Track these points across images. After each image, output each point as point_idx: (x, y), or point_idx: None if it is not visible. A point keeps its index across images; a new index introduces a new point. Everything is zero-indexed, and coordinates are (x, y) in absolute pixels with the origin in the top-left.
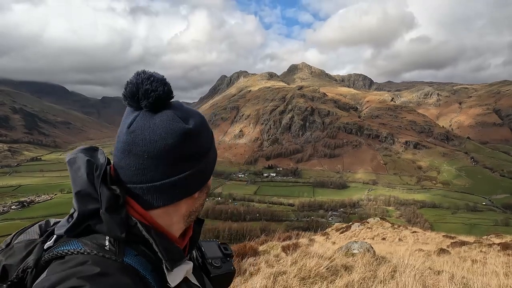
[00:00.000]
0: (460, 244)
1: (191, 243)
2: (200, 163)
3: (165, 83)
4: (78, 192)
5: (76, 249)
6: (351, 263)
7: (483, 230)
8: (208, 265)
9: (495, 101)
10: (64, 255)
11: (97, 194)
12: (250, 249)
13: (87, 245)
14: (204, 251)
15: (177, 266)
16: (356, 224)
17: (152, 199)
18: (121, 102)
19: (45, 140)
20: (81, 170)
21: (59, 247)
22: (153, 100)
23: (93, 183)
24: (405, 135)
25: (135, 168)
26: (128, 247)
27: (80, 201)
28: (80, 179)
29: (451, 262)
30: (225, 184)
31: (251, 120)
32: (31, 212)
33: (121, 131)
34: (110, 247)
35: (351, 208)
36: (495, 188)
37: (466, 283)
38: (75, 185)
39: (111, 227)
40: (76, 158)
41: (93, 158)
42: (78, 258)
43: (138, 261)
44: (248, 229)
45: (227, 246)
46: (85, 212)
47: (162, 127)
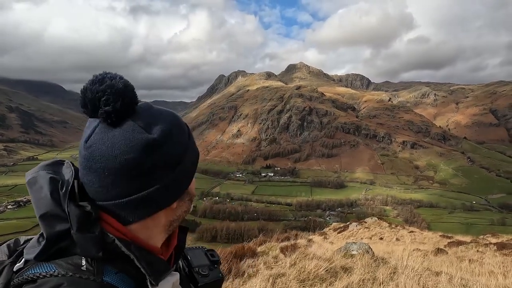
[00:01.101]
0: (457, 243)
1: (177, 252)
2: (173, 172)
3: (123, 97)
4: (44, 215)
5: (49, 271)
6: (350, 264)
7: (480, 229)
8: (195, 274)
9: (491, 102)
10: (35, 278)
11: (65, 214)
12: (249, 250)
13: (61, 267)
14: (190, 260)
15: (162, 279)
16: (354, 224)
17: (124, 215)
18: None
19: (41, 140)
20: (43, 190)
21: (30, 270)
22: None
23: (59, 203)
24: (402, 135)
25: (98, 185)
26: (108, 265)
27: (46, 224)
28: (44, 200)
29: (448, 262)
30: (223, 183)
31: (249, 120)
32: (27, 212)
33: (80, 144)
34: (87, 267)
35: (348, 207)
36: (492, 188)
37: (465, 284)
38: (38, 207)
39: (85, 247)
40: (37, 177)
41: (57, 174)
42: (52, 281)
43: (120, 278)
44: (246, 229)
45: (214, 253)
46: (53, 235)
47: (121, 139)
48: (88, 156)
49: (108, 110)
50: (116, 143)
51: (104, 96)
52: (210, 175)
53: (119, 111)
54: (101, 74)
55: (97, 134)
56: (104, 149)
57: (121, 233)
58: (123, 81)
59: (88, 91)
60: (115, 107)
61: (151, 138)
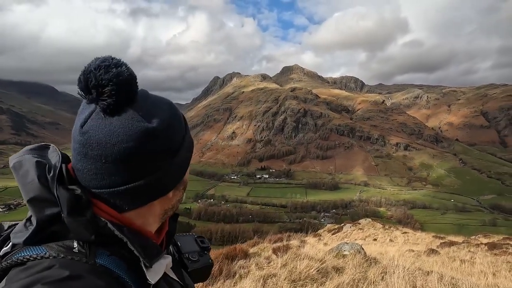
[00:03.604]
0: (449, 244)
1: (168, 238)
2: (171, 161)
3: (127, 89)
4: (32, 199)
5: (40, 253)
6: (341, 264)
7: (471, 230)
8: (185, 259)
9: (482, 104)
10: (25, 261)
11: (55, 198)
12: (241, 251)
13: (52, 249)
14: (181, 246)
15: (156, 262)
16: (348, 225)
17: (119, 203)
18: None
19: (33, 141)
20: (30, 174)
21: (19, 253)
22: (109, 106)
23: (47, 187)
24: (395, 136)
25: (93, 172)
26: (101, 248)
27: (36, 209)
28: (31, 185)
29: (440, 262)
30: (218, 185)
31: (244, 122)
32: (18, 215)
33: (74, 129)
34: (79, 249)
35: (343, 209)
36: (483, 189)
37: (455, 283)
38: (26, 192)
39: (77, 230)
40: (22, 161)
41: (43, 158)
42: (43, 263)
43: (112, 261)
44: (241, 231)
45: (204, 239)
46: (44, 219)
47: (120, 127)
48: (84, 142)
49: (110, 102)
50: (115, 131)
51: (108, 86)
52: (205, 177)
53: (121, 102)
54: (107, 59)
55: (93, 120)
56: (101, 136)
57: (114, 218)
58: (129, 71)
59: (92, 77)
60: (118, 99)
61: (150, 127)
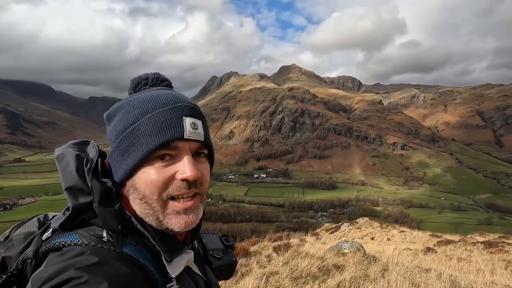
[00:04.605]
0: (446, 242)
1: (192, 233)
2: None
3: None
4: (69, 188)
5: (74, 240)
6: (342, 262)
7: (468, 229)
8: (210, 256)
9: (478, 104)
10: (61, 246)
11: (89, 189)
12: (242, 249)
13: (84, 237)
14: (205, 243)
15: (177, 257)
16: (346, 224)
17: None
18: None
19: (29, 141)
20: (70, 165)
21: (57, 239)
22: None
23: (83, 178)
24: (392, 136)
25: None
26: (128, 238)
27: (71, 196)
28: (70, 175)
29: (437, 260)
30: (216, 185)
31: (242, 121)
32: (14, 215)
33: None
34: (108, 238)
35: (340, 208)
36: (479, 188)
37: (454, 280)
38: (65, 181)
39: (106, 220)
40: (65, 153)
41: (83, 152)
42: (76, 249)
43: (138, 251)
44: (239, 231)
45: (228, 238)
46: (77, 206)
47: None
48: None
49: None
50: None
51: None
52: None
53: None
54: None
55: None
56: None
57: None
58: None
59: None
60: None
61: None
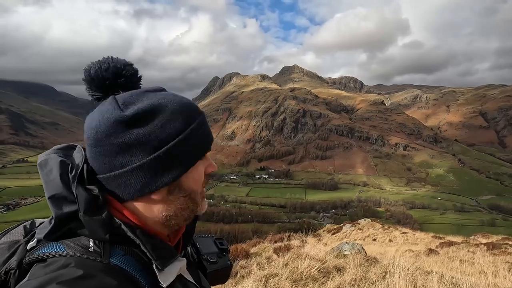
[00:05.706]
0: (448, 244)
1: (185, 239)
2: (148, 156)
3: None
4: (52, 197)
5: (58, 251)
6: (342, 264)
7: (470, 230)
8: (204, 261)
9: (481, 104)
10: (45, 258)
11: (73, 196)
12: (242, 251)
13: (70, 247)
14: (199, 247)
15: (169, 265)
16: (347, 225)
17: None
18: None
19: (32, 141)
20: (53, 172)
21: (41, 249)
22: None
23: (68, 185)
24: (395, 137)
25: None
26: (116, 247)
27: (55, 205)
28: (53, 182)
29: (440, 262)
30: (217, 185)
31: (244, 122)
32: (17, 216)
33: None
34: (95, 249)
35: (342, 209)
36: (482, 189)
37: (455, 283)
38: (47, 189)
39: (93, 229)
40: (48, 159)
41: (68, 157)
42: (60, 260)
43: (126, 261)
44: (240, 231)
45: (223, 241)
46: (62, 216)
47: (98, 113)
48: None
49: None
50: (95, 116)
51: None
52: None
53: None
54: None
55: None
56: (88, 120)
57: (123, 214)
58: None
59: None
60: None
61: (121, 115)
